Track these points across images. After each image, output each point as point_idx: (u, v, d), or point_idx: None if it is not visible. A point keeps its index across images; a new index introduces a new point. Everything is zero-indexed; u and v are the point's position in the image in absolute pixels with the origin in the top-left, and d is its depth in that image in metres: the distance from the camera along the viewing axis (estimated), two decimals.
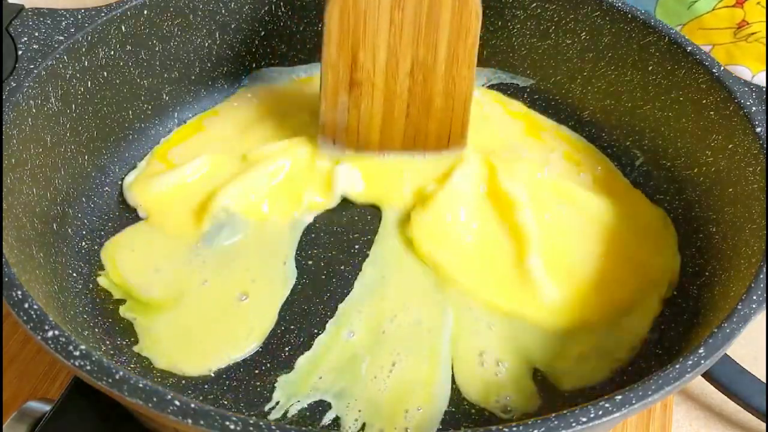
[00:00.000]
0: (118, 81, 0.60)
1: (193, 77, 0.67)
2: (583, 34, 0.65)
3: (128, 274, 0.55)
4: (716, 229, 0.55)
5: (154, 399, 0.36)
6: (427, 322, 0.53)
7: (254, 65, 0.70)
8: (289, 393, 0.49)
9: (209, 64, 0.67)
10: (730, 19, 0.71)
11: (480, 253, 0.57)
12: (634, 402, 0.37)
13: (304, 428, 0.35)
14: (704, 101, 0.57)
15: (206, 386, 0.50)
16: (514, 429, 0.35)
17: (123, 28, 0.59)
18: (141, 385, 0.36)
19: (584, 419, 0.36)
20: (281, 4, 0.67)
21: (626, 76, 0.63)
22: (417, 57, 0.58)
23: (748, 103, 0.53)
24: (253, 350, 0.52)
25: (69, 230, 0.56)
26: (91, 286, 0.55)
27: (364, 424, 0.48)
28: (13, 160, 0.50)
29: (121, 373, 0.37)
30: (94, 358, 0.37)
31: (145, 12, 0.60)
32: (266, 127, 0.66)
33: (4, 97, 0.50)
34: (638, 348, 0.53)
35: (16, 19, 0.56)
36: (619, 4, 0.61)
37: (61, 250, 0.54)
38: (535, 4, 0.66)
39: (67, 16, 0.57)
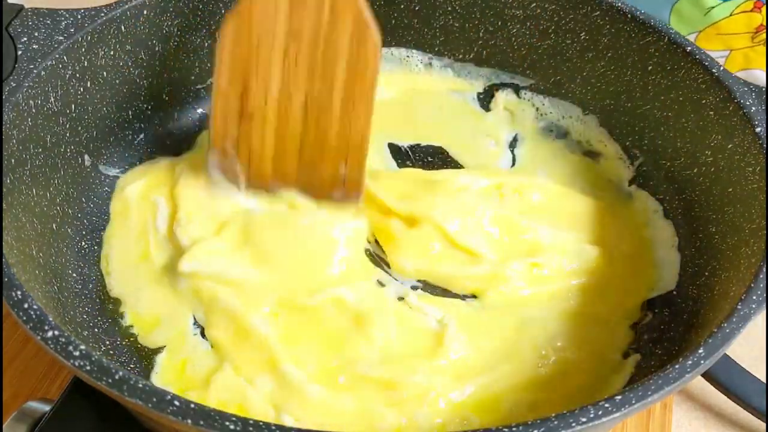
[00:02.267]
0: (118, 81, 0.60)
1: (193, 77, 0.67)
2: (583, 34, 0.65)
3: None
4: (716, 229, 0.55)
5: (154, 399, 0.36)
6: None
7: None
8: None
9: (209, 64, 0.67)
10: (747, 24, 0.71)
11: None
12: (634, 402, 0.37)
13: (304, 429, 0.35)
14: (704, 101, 0.57)
15: None
16: (514, 429, 0.35)
17: (123, 28, 0.58)
18: (141, 385, 0.36)
19: (584, 419, 0.36)
20: None
21: (626, 76, 0.63)
22: (312, 92, 0.53)
23: (748, 103, 0.53)
24: None
25: (69, 230, 0.56)
26: (91, 286, 0.55)
27: None
28: (13, 160, 0.50)
29: (121, 373, 0.37)
30: (94, 358, 0.37)
31: (145, 12, 0.59)
32: None
33: (4, 97, 0.50)
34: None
35: (16, 19, 0.56)
36: (619, 4, 0.61)
37: (61, 250, 0.54)
38: (534, 4, 0.65)
39: (67, 16, 0.57)
